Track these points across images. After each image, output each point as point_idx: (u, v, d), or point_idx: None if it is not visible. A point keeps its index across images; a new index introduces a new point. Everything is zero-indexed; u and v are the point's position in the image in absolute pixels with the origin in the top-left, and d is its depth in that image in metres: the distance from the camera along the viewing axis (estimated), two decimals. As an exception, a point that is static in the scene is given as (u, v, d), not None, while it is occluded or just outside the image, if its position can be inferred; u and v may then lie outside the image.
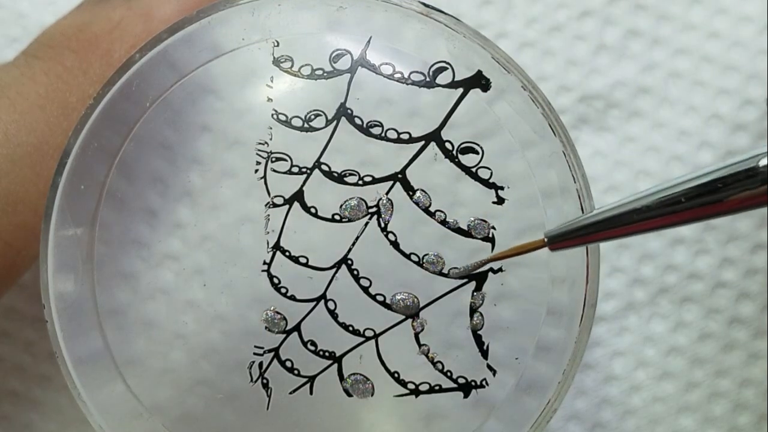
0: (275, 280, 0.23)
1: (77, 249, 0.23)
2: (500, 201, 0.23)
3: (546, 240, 0.22)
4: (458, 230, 0.23)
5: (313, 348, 0.23)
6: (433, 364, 0.23)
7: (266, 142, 0.23)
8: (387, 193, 0.23)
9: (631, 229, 0.21)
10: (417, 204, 0.23)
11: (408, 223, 0.23)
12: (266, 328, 0.23)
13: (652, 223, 0.20)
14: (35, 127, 0.25)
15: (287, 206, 0.23)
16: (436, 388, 0.23)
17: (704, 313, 0.30)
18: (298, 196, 0.23)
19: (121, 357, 0.24)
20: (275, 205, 0.23)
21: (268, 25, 0.24)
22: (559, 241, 0.22)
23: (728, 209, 0.20)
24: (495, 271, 0.23)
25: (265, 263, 0.23)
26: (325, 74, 0.23)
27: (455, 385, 0.23)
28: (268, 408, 0.24)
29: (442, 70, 0.23)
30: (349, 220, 0.23)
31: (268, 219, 0.23)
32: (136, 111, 0.24)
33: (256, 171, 0.23)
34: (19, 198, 0.25)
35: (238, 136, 0.24)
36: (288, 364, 0.23)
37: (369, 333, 0.23)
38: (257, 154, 0.23)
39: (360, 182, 0.23)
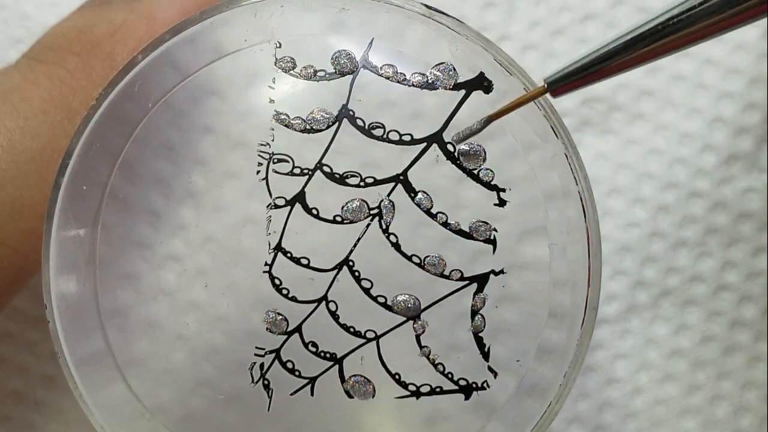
0: (277, 282, 0.23)
1: (79, 250, 0.23)
2: (502, 203, 0.23)
3: (546, 86, 0.21)
4: (460, 232, 0.23)
5: (314, 349, 0.23)
6: (434, 365, 0.23)
7: (268, 144, 0.23)
8: (389, 195, 0.23)
9: (628, 63, 0.20)
10: (418, 206, 0.23)
11: (409, 224, 0.23)
12: (267, 329, 0.23)
13: (648, 53, 0.20)
14: (39, 131, 0.25)
15: (289, 207, 0.23)
16: (437, 390, 0.23)
17: (706, 315, 0.30)
18: (300, 198, 0.23)
19: (123, 358, 0.24)
20: (277, 207, 0.23)
21: (271, 27, 0.24)
22: (559, 84, 0.21)
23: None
24: (497, 273, 0.23)
25: (266, 264, 0.23)
26: (327, 76, 0.23)
27: (456, 387, 0.23)
28: (269, 409, 0.23)
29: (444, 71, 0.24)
30: (351, 222, 0.23)
31: (270, 220, 0.23)
32: (138, 112, 0.24)
33: (258, 172, 0.23)
34: (25, 204, 0.25)
35: (240, 138, 0.24)
36: (289, 365, 0.23)
37: (370, 334, 0.23)
38: (259, 155, 0.23)
39: (362, 184, 0.23)
